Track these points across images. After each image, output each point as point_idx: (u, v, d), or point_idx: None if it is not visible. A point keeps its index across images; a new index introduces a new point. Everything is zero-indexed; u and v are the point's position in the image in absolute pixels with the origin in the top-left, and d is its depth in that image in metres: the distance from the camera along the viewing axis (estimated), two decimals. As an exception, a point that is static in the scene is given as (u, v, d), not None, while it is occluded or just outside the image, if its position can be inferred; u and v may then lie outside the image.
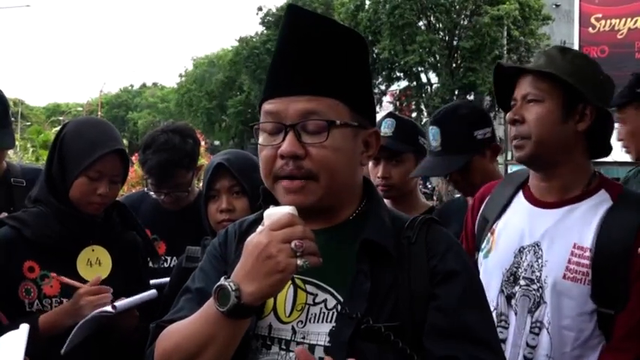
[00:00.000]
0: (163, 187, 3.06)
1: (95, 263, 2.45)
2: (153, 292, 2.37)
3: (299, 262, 1.33)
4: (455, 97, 35.15)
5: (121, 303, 2.27)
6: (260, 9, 46.36)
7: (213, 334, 1.38)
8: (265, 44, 44.02)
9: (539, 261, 2.02)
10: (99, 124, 2.52)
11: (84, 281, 2.38)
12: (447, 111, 2.77)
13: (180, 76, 60.44)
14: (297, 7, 1.53)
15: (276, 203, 1.49)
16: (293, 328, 1.46)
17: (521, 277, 2.04)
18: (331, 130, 1.45)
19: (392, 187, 2.87)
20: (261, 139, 1.51)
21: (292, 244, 1.33)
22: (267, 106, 1.50)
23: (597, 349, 1.95)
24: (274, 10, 45.70)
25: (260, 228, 1.39)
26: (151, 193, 3.11)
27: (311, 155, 1.45)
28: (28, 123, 62.73)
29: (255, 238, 1.37)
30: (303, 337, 1.45)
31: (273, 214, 1.39)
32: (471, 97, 36.64)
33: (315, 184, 1.46)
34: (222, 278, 1.37)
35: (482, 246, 2.20)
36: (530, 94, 2.04)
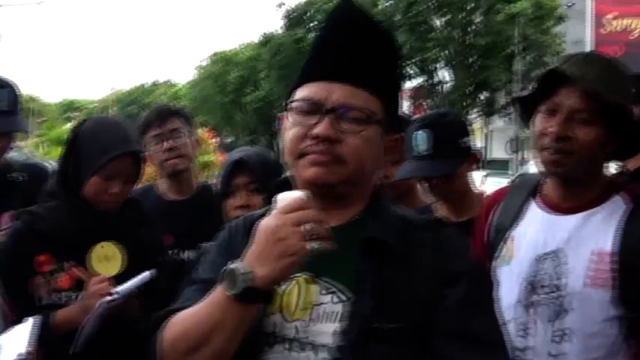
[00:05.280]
0: (164, 131, 3.11)
1: (108, 259, 2.44)
2: (148, 273, 2.35)
3: (310, 245, 1.31)
4: (469, 95, 35.14)
5: (122, 288, 2.26)
6: (280, 5, 46.10)
7: (221, 320, 1.35)
8: (291, 44, 43.60)
9: (559, 268, 1.98)
10: (115, 124, 2.52)
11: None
12: (436, 116, 2.76)
13: (199, 67, 60.12)
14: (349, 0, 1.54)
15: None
16: (297, 327, 1.44)
17: (540, 286, 2.00)
18: (369, 123, 1.46)
19: (391, 187, 2.86)
20: (291, 119, 1.49)
21: (303, 228, 1.32)
22: (306, 88, 1.49)
23: (623, 354, 1.92)
24: (294, 6, 45.38)
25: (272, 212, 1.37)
26: (151, 152, 3.11)
27: (346, 142, 1.44)
28: (43, 119, 63.03)
29: (266, 222, 1.34)
30: (307, 337, 1.42)
31: (285, 198, 1.37)
32: (485, 94, 36.56)
33: (342, 167, 1.45)
34: (231, 262, 1.35)
35: (497, 255, 2.15)
36: (583, 111, 1.94)
